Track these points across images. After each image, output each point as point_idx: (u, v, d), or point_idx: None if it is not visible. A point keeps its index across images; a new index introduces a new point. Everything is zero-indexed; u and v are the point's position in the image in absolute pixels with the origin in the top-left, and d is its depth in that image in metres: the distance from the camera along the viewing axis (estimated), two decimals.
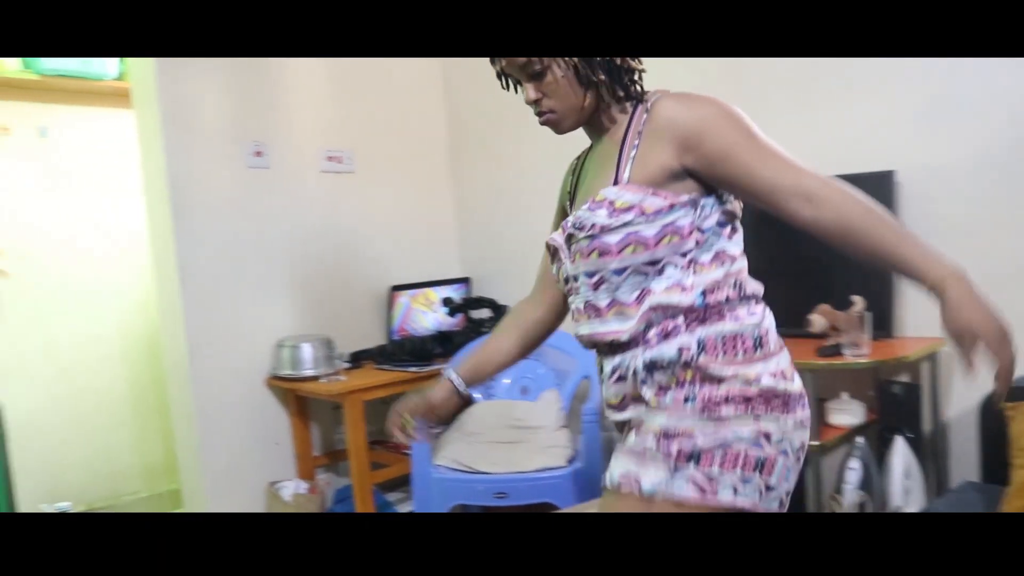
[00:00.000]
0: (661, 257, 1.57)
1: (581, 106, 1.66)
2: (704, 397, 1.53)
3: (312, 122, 4.04)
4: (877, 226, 1.46)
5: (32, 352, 4.30)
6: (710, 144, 1.55)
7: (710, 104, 1.57)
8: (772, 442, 1.53)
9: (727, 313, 1.59)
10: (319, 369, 3.71)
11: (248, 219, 3.82)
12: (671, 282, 1.57)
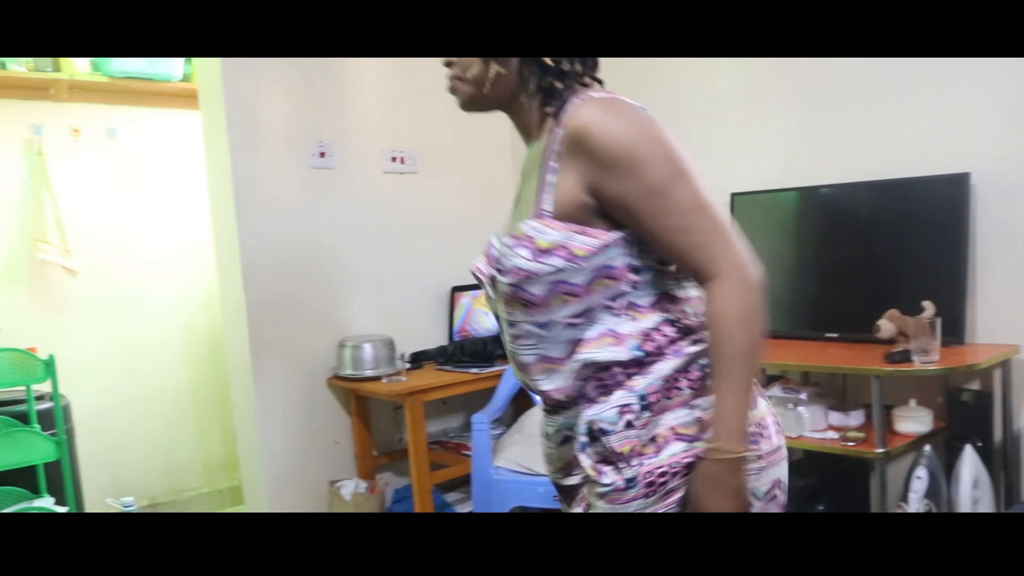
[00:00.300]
0: (594, 305, 1.37)
1: (483, 80, 1.46)
2: (649, 472, 1.32)
3: (376, 122, 4.05)
4: (732, 350, 1.29)
5: (99, 350, 4.37)
6: (608, 187, 1.32)
7: (624, 127, 1.31)
8: None
9: (669, 351, 1.37)
10: (380, 369, 3.71)
11: (311, 219, 3.84)
12: (603, 330, 1.37)
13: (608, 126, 1.30)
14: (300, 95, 3.82)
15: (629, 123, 1.31)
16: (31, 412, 3.45)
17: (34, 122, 4.22)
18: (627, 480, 1.33)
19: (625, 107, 1.34)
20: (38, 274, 4.20)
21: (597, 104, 1.34)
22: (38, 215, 4.18)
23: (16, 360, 3.32)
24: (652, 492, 1.32)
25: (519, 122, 1.53)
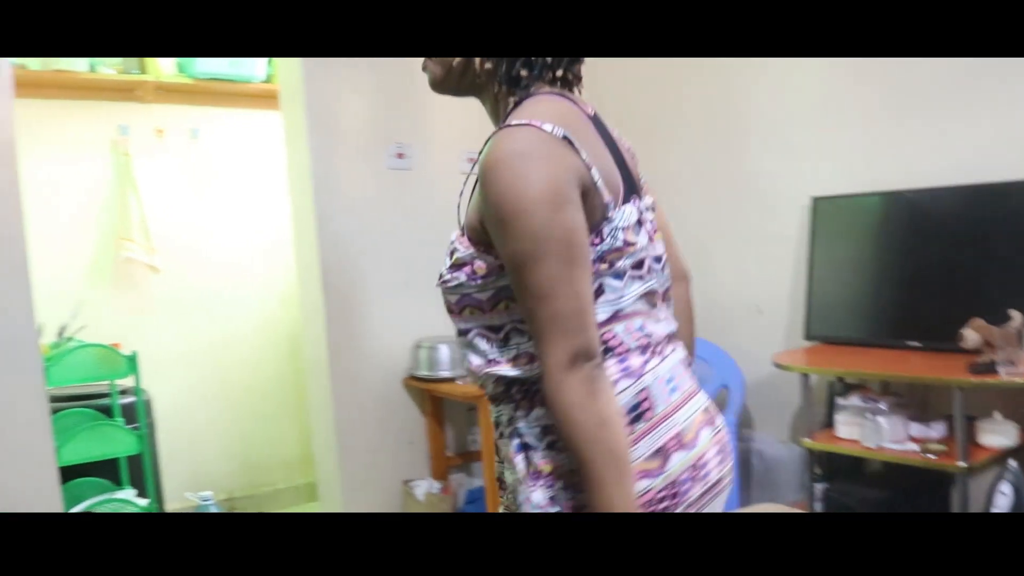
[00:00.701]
0: (504, 323, 1.33)
1: (449, 66, 1.42)
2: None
3: (453, 124, 4.05)
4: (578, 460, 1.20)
5: (180, 346, 4.45)
6: (491, 232, 1.27)
7: (509, 185, 1.21)
8: None
9: None
10: (456, 371, 3.71)
11: (389, 220, 3.86)
12: (516, 352, 1.33)
13: (498, 178, 1.22)
14: (379, 97, 3.85)
15: (514, 182, 1.20)
16: (114, 406, 3.53)
17: (121, 123, 4.31)
18: (550, 499, 1.30)
19: (526, 156, 1.22)
20: (123, 272, 4.30)
21: (508, 141, 1.24)
22: (123, 214, 4.27)
23: (101, 356, 3.39)
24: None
25: (489, 110, 1.47)
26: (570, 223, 1.22)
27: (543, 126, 1.24)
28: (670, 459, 1.30)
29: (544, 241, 1.20)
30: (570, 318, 1.21)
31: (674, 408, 1.34)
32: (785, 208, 3.61)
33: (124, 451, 3.43)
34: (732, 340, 3.74)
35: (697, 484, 1.32)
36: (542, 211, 1.20)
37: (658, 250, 1.41)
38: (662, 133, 4.10)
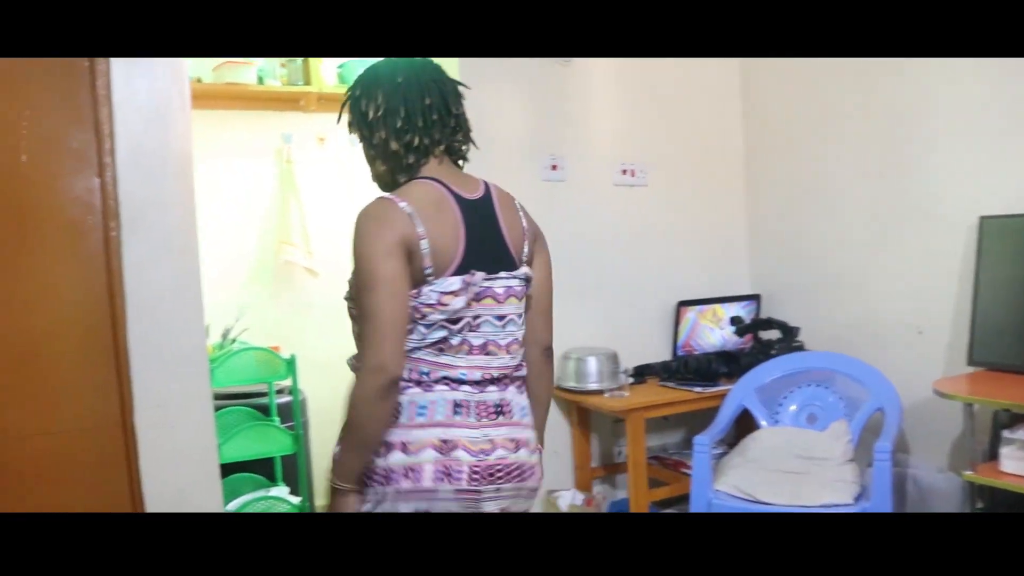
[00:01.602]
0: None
1: (384, 176, 1.89)
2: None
3: (607, 135, 4.05)
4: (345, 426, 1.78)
5: (335, 347, 4.55)
6: None
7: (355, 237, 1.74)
8: None
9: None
10: (603, 383, 3.71)
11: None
12: None
13: (355, 230, 1.75)
14: (534, 108, 3.88)
15: (363, 235, 1.73)
16: (272, 406, 3.67)
17: (284, 132, 4.49)
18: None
19: (371, 217, 1.74)
20: (283, 274, 4.47)
21: (369, 207, 1.77)
22: (285, 218, 4.44)
23: (262, 358, 3.54)
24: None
25: None
26: (392, 270, 1.70)
27: (397, 201, 1.74)
28: (391, 454, 1.77)
29: (370, 275, 1.70)
30: (380, 332, 1.69)
31: (412, 426, 1.77)
32: (951, 226, 3.46)
33: (280, 450, 3.57)
34: (890, 361, 3.61)
35: (406, 481, 1.75)
36: (372, 255, 1.70)
37: (504, 311, 1.87)
38: (821, 140, 3.99)
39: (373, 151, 1.86)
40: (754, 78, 4.37)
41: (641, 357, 4.05)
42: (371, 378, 1.69)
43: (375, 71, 1.86)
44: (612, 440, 4.10)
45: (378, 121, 1.82)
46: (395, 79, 1.82)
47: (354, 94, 1.86)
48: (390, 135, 1.81)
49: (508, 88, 3.81)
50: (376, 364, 1.68)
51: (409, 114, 1.81)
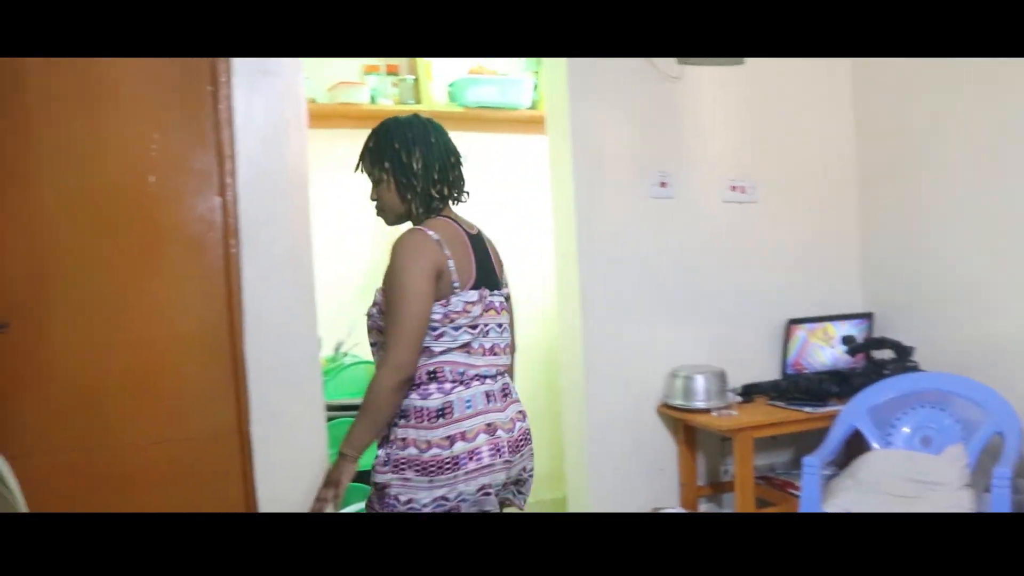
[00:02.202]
0: (378, 343, 2.27)
1: (400, 210, 2.31)
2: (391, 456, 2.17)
3: (717, 152, 4.02)
4: (364, 405, 2.14)
5: None
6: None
7: (393, 251, 2.17)
8: None
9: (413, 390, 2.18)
10: (710, 402, 3.68)
11: (649, 248, 3.88)
12: None
13: (395, 255, 2.17)
14: (642, 124, 3.88)
15: (397, 258, 2.15)
16: None
17: None
18: (387, 458, 2.19)
19: (410, 244, 2.16)
20: None
21: (407, 236, 2.19)
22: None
23: (370, 372, 3.61)
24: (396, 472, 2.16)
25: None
26: (424, 288, 2.11)
27: (429, 232, 2.18)
28: (455, 444, 2.14)
29: (403, 287, 2.11)
30: (407, 338, 2.10)
31: (464, 418, 2.16)
32: None
33: None
34: (1009, 383, 3.48)
35: (472, 462, 2.15)
36: (412, 276, 2.11)
37: (501, 320, 2.33)
38: (938, 149, 3.87)
39: (407, 192, 2.26)
40: (866, 87, 4.27)
41: (749, 375, 4.00)
42: (393, 373, 2.09)
43: (410, 128, 2.28)
44: (719, 458, 4.06)
45: (419, 171, 2.24)
46: (429, 139, 2.27)
47: (393, 146, 2.26)
48: (428, 184, 2.25)
49: (617, 105, 3.83)
50: (400, 362, 2.09)
51: (442, 168, 2.28)
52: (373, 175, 2.31)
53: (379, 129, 2.33)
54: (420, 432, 2.14)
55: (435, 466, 2.12)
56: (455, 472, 2.13)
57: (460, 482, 2.14)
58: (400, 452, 2.14)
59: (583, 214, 3.76)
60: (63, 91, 2.98)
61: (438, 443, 2.13)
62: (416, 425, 2.15)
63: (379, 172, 2.29)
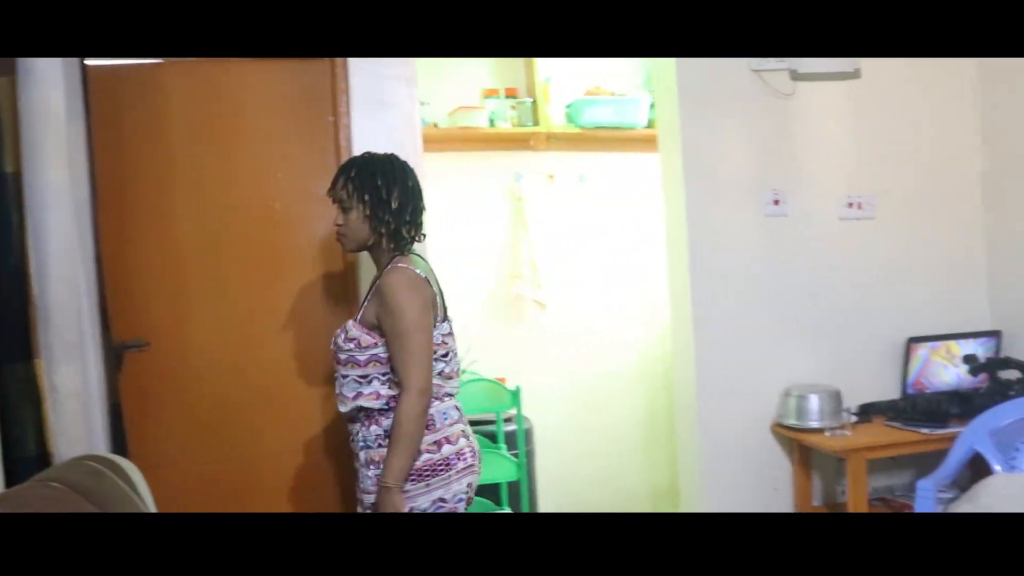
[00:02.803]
0: (371, 374, 2.46)
1: (366, 240, 2.51)
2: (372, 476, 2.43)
3: (832, 168, 3.98)
4: (400, 433, 2.34)
5: (561, 377, 4.76)
6: (382, 320, 2.42)
7: (389, 287, 2.39)
8: None
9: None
10: (824, 421, 3.65)
11: (763, 266, 3.88)
12: (372, 390, 2.45)
13: (397, 292, 2.39)
14: (755, 142, 3.88)
15: (400, 297, 2.38)
16: (499, 434, 3.87)
17: (515, 170, 4.72)
18: (377, 479, 2.39)
19: (407, 284, 2.41)
20: (513, 307, 4.69)
21: (403, 274, 2.43)
22: (515, 253, 4.67)
23: (488, 389, 3.75)
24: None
25: (374, 256, 2.60)
26: (428, 321, 2.41)
27: (416, 271, 2.45)
28: (443, 447, 2.43)
29: (413, 320, 2.36)
30: (425, 365, 2.37)
31: (444, 426, 2.46)
32: None
33: (505, 476, 3.75)
34: None
35: (460, 462, 2.46)
36: (417, 311, 2.38)
37: (455, 347, 2.59)
38: None
39: (381, 227, 2.46)
40: (993, 91, 4.12)
41: (867, 395, 3.93)
42: (420, 398, 2.35)
43: (391, 168, 2.52)
44: (835, 479, 4.01)
45: (395, 210, 2.46)
46: (407, 181, 2.52)
47: (375, 182, 2.46)
48: (401, 223, 2.47)
49: (729, 123, 3.84)
50: (423, 388, 2.35)
51: (413, 210, 2.52)
52: (346, 203, 2.47)
53: (360, 162, 2.53)
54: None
55: (429, 470, 2.39)
56: (448, 473, 2.41)
57: (453, 481, 2.42)
58: (388, 456, 2.37)
59: (695, 232, 3.79)
60: (202, 135, 3.26)
61: (427, 449, 2.40)
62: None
63: (355, 202, 2.46)
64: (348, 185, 2.48)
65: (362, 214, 2.47)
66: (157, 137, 3.21)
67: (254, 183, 3.28)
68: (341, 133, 3.33)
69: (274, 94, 3.33)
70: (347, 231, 2.51)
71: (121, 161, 3.05)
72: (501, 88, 4.71)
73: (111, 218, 2.87)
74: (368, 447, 2.45)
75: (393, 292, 2.38)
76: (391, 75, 3.35)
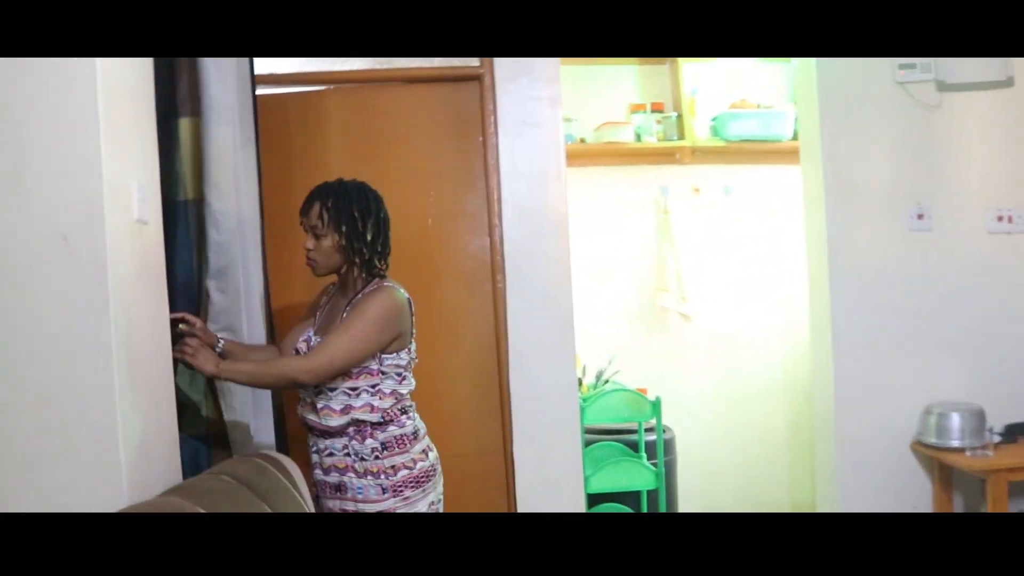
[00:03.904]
0: (360, 386, 2.51)
1: (337, 267, 2.58)
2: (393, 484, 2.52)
3: (980, 181, 3.89)
4: (267, 370, 2.53)
5: (705, 387, 4.83)
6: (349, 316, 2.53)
7: (368, 305, 2.49)
8: None
9: (395, 422, 2.56)
10: (965, 441, 3.59)
11: (905, 281, 3.84)
12: (363, 402, 2.51)
13: (375, 301, 2.50)
14: (899, 155, 3.84)
15: (379, 304, 2.49)
16: (640, 443, 3.98)
17: (661, 184, 4.83)
18: (382, 488, 2.51)
19: (391, 301, 2.52)
20: (657, 319, 4.80)
21: (385, 291, 2.54)
22: (661, 266, 4.77)
23: (629, 399, 3.86)
24: (396, 496, 2.52)
25: (344, 282, 2.64)
26: (378, 341, 2.48)
27: (404, 292, 2.59)
28: (429, 454, 2.61)
29: (367, 337, 2.46)
30: (334, 366, 2.44)
31: (423, 436, 2.63)
32: None
33: (644, 485, 3.85)
34: None
35: (439, 465, 2.65)
36: (378, 328, 2.48)
37: None
38: None
39: (355, 256, 2.53)
40: None
41: (1014, 415, 3.83)
42: (304, 377, 2.44)
43: (365, 199, 2.57)
44: (977, 500, 3.91)
45: (369, 240, 2.53)
46: (380, 213, 2.58)
47: (352, 212, 2.52)
48: (373, 253, 2.54)
49: (872, 135, 3.82)
50: (316, 376, 2.44)
51: (384, 241, 2.59)
52: (320, 230, 2.50)
53: (336, 191, 2.55)
54: (405, 455, 2.53)
55: (424, 476, 2.55)
56: (435, 477, 2.60)
57: (438, 484, 2.62)
58: (393, 478, 2.51)
59: (835, 246, 3.80)
60: (359, 155, 3.53)
61: (419, 457, 2.56)
62: (401, 451, 2.52)
63: (330, 231, 2.50)
64: (324, 214, 2.51)
65: (336, 243, 2.52)
66: (318, 158, 3.49)
67: (408, 200, 3.49)
68: (489, 152, 3.52)
69: (427, 116, 3.57)
70: (318, 257, 2.55)
71: (286, 181, 3.28)
72: (647, 103, 4.81)
73: (276, 234, 3.12)
74: (363, 459, 2.51)
75: (373, 303, 2.48)
76: (537, 97, 3.52)
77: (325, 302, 2.72)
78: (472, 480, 3.49)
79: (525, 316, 3.52)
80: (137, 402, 2.06)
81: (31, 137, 1.93)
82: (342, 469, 2.54)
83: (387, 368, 2.53)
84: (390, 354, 2.53)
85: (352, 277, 2.59)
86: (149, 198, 2.26)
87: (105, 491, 1.93)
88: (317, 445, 2.59)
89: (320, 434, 2.57)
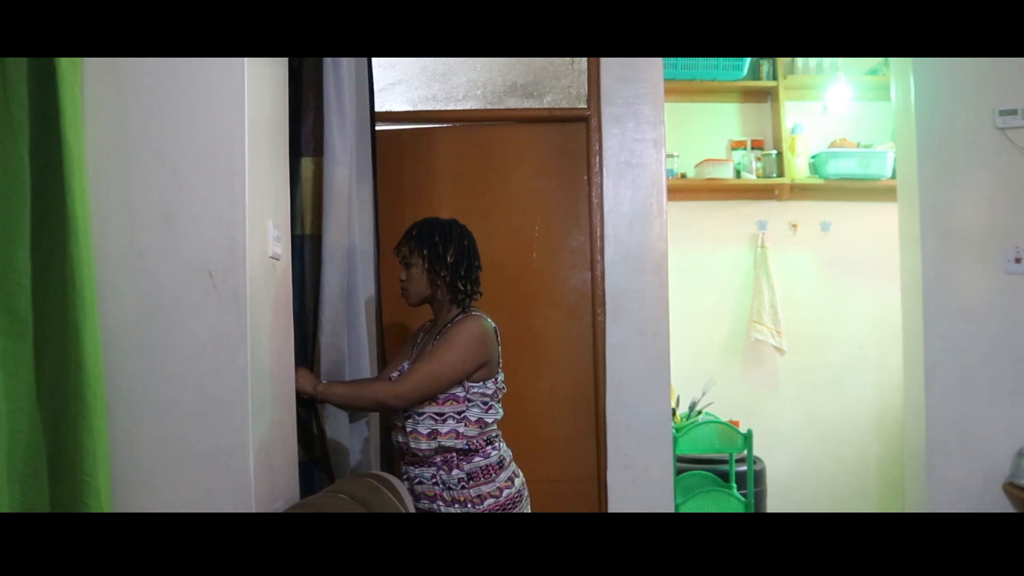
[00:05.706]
0: (446, 412, 2.61)
1: (426, 293, 2.71)
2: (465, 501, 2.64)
3: None
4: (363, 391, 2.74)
5: (797, 420, 4.90)
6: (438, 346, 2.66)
7: (455, 333, 2.63)
8: None
9: (480, 452, 2.65)
10: None
11: (1001, 324, 3.84)
12: (449, 428, 2.61)
13: (462, 329, 2.64)
14: (997, 199, 3.84)
15: (467, 334, 2.63)
16: (731, 474, 4.09)
17: (759, 219, 4.93)
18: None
19: (479, 331, 2.65)
20: (751, 352, 4.90)
21: (473, 319, 2.67)
22: (757, 299, 4.87)
23: (721, 431, 3.98)
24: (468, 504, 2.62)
25: (434, 308, 2.79)
26: (465, 368, 2.61)
27: (490, 321, 2.72)
28: (515, 480, 2.69)
29: (454, 360, 2.60)
30: (423, 392, 2.59)
31: (509, 463, 2.70)
32: None
33: None
34: None
35: (525, 490, 2.73)
36: (468, 356, 2.61)
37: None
38: None
39: (436, 279, 2.68)
40: None
41: None
42: (393, 401, 2.61)
43: (449, 229, 2.72)
44: None
45: (450, 264, 2.67)
46: (463, 241, 2.72)
47: (433, 238, 2.68)
48: (456, 277, 2.68)
49: (970, 178, 3.84)
50: (405, 401, 2.60)
51: (468, 268, 2.71)
52: (409, 259, 2.68)
53: (423, 224, 2.72)
54: (491, 484, 2.62)
55: (510, 503, 2.64)
56: (521, 503, 2.69)
57: (525, 508, 2.71)
58: (480, 507, 2.61)
59: (930, 286, 3.83)
60: (469, 190, 3.73)
61: (504, 485, 2.64)
62: (486, 480, 2.61)
63: (415, 257, 2.67)
64: (410, 243, 2.70)
65: (421, 268, 2.67)
66: (430, 193, 3.71)
67: (514, 234, 3.69)
68: (593, 191, 3.68)
69: (535, 155, 3.75)
70: (409, 285, 2.71)
71: (399, 215, 3.43)
72: (748, 139, 4.93)
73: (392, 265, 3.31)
74: (450, 488, 2.61)
75: (459, 332, 2.62)
76: (642, 139, 3.68)
77: (422, 337, 2.86)
78: (565, 505, 3.62)
79: (623, 349, 3.66)
80: (265, 422, 2.25)
81: (183, 179, 2.13)
82: (431, 497, 2.66)
83: (473, 396, 2.64)
84: (476, 383, 2.65)
85: (441, 308, 2.74)
86: (281, 235, 2.48)
87: (235, 502, 2.11)
88: (408, 473, 2.72)
89: (410, 462, 2.71)
